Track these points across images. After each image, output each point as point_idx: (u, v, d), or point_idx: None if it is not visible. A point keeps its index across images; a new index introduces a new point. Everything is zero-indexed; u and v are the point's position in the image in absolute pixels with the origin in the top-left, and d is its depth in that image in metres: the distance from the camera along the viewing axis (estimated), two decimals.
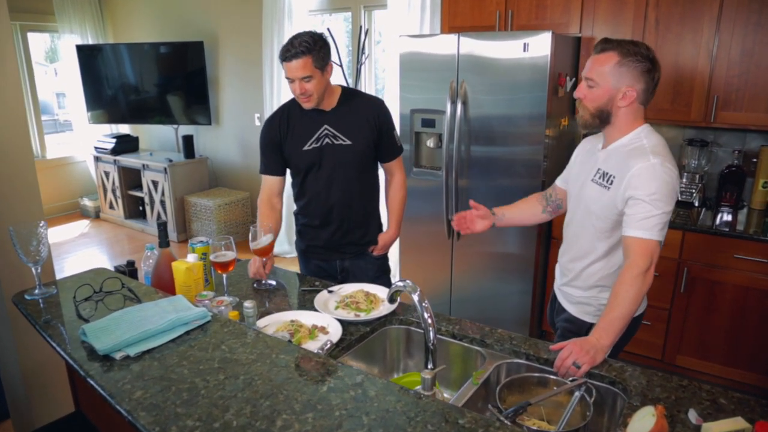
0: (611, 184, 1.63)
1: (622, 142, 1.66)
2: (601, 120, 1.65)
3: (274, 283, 2.07)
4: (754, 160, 3.11)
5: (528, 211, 2.05)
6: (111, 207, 6.20)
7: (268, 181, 2.24)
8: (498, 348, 1.61)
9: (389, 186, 2.39)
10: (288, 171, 2.27)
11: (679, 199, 3.18)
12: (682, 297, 2.91)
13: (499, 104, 3.10)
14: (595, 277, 1.77)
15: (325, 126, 2.13)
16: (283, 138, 2.15)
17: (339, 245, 2.27)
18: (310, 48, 1.97)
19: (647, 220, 1.53)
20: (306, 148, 2.13)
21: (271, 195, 2.25)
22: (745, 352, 2.82)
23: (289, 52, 1.98)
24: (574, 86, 3.26)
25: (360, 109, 2.18)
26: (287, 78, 2.03)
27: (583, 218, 1.76)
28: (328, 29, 4.18)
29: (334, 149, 2.13)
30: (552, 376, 1.47)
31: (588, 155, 1.83)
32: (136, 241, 5.64)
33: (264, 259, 2.03)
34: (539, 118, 2.99)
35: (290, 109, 2.18)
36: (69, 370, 1.79)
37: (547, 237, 3.24)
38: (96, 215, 6.42)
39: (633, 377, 1.40)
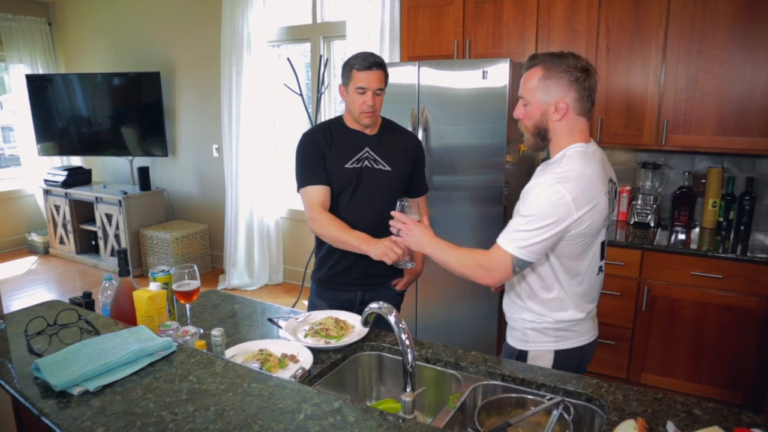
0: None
1: (552, 159, 1.61)
2: (542, 137, 1.62)
3: (414, 263, 1.98)
4: (703, 181, 3.24)
5: None
6: (61, 242, 5.95)
7: (316, 193, 2.05)
8: (473, 370, 1.59)
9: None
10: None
11: (635, 220, 3.28)
12: (644, 315, 2.96)
13: (460, 132, 3.14)
14: (519, 299, 1.71)
15: (367, 149, 2.10)
16: (327, 150, 2.08)
17: (362, 275, 2.18)
18: (384, 65, 2.01)
19: (513, 233, 1.53)
20: (348, 165, 2.07)
21: (323, 207, 2.05)
22: (705, 368, 2.89)
23: (369, 61, 1.97)
24: None
25: (399, 138, 2.19)
26: (358, 88, 1.98)
27: None
28: (288, 59, 4.20)
29: (372, 173, 2.10)
30: (529, 397, 1.46)
31: None
32: (89, 276, 5.41)
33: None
34: (499, 145, 3.04)
35: (331, 126, 2.13)
36: (17, 412, 1.67)
37: None
38: (45, 251, 6.15)
39: (609, 393, 1.40)
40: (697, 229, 3.21)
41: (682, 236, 3.08)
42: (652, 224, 3.26)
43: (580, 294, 1.65)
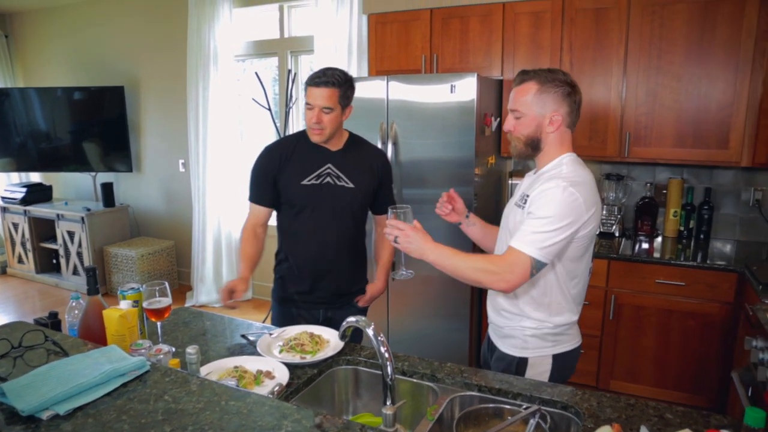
0: (525, 203, 1.65)
1: (547, 167, 1.70)
2: (533, 147, 1.70)
3: (412, 272, 1.89)
4: (664, 191, 3.34)
5: (492, 235, 1.98)
6: (20, 261, 5.75)
7: (255, 211, 2.16)
8: (449, 382, 1.60)
9: (381, 238, 2.34)
10: (275, 210, 2.19)
11: (601, 230, 3.36)
12: (611, 323, 3.03)
13: (429, 145, 3.17)
14: (517, 305, 1.72)
15: (329, 165, 2.09)
16: (282, 168, 2.07)
17: (324, 293, 2.17)
18: (341, 82, 1.98)
19: (531, 235, 1.55)
20: (305, 182, 2.06)
21: (256, 224, 2.18)
22: (671, 373, 2.96)
23: (319, 78, 1.96)
24: (499, 126, 3.41)
25: (365, 155, 2.18)
26: (307, 103, 1.99)
27: (506, 243, 1.74)
28: (256, 73, 4.18)
29: (334, 190, 2.09)
30: (506, 406, 1.47)
31: (520, 185, 1.87)
32: (50, 296, 5.24)
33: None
34: (468, 158, 3.09)
35: (297, 141, 2.12)
36: None
37: None
38: (2, 271, 5.93)
39: (584, 400, 1.43)
40: (659, 238, 3.31)
41: (645, 245, 3.17)
42: (617, 234, 3.34)
43: (574, 296, 1.71)
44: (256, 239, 2.18)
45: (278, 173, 2.09)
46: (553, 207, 1.54)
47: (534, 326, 1.70)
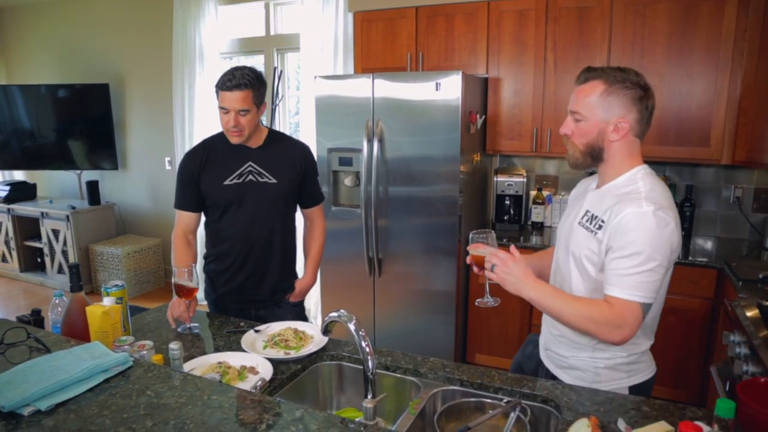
0: (599, 229, 1.46)
1: (616, 183, 1.50)
2: (593, 157, 1.50)
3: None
4: None
5: (545, 261, 1.81)
6: (3, 260, 5.69)
7: (183, 217, 2.15)
8: (432, 376, 1.61)
9: (309, 232, 2.35)
10: (203, 211, 2.19)
11: None
12: None
13: (415, 143, 3.19)
14: (584, 337, 1.55)
15: (250, 163, 2.08)
16: (201, 171, 2.07)
17: (255, 291, 2.17)
18: (252, 83, 1.96)
19: (629, 278, 1.37)
20: (227, 182, 2.06)
21: (187, 231, 2.16)
22: None
23: (230, 82, 1.93)
24: (484, 123, 3.44)
25: (286, 150, 2.17)
26: (221, 108, 1.97)
27: (571, 266, 1.56)
28: None
29: (257, 187, 2.09)
30: (487, 400, 1.49)
31: (578, 197, 1.68)
32: (34, 295, 5.19)
33: (188, 301, 1.93)
34: (454, 156, 3.10)
35: (214, 143, 2.13)
36: None
37: (466, 268, 3.33)
38: None
39: (563, 394, 1.45)
40: None
41: None
42: None
43: (648, 322, 1.55)
44: (189, 247, 2.15)
45: (199, 176, 2.08)
46: (646, 239, 1.36)
47: (606, 356, 1.55)
